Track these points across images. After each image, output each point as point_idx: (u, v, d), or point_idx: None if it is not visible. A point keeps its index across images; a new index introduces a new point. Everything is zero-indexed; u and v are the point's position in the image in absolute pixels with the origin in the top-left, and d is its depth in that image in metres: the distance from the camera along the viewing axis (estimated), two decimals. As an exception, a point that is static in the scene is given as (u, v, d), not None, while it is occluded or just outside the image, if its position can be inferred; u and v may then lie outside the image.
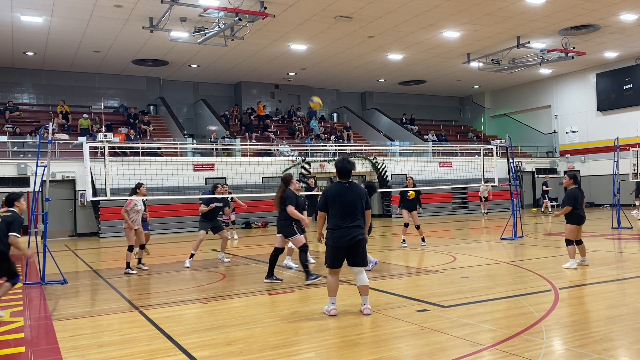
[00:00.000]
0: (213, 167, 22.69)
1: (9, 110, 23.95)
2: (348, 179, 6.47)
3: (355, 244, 6.27)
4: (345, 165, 6.41)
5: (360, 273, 6.40)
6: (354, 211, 6.32)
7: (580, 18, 20.64)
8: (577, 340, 5.07)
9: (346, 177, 6.46)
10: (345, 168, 6.41)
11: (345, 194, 6.35)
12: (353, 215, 6.30)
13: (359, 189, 6.47)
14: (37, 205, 10.64)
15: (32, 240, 9.52)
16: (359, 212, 6.36)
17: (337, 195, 6.36)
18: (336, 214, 6.30)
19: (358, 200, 6.37)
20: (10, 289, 6.95)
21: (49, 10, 17.95)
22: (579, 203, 9.15)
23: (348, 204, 6.31)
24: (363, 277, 6.40)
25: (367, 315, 6.27)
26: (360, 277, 6.39)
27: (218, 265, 11.34)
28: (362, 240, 6.33)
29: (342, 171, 6.44)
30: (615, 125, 27.14)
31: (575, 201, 9.12)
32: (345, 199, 6.32)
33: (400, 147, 28.06)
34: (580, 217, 9.13)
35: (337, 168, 6.46)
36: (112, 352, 5.21)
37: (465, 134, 34.74)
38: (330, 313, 6.32)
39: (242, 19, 16.79)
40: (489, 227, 18.82)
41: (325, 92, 33.43)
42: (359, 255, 6.34)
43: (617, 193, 16.31)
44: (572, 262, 9.00)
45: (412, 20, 20.29)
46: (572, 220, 9.12)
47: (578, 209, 9.13)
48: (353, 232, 6.25)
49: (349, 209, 6.31)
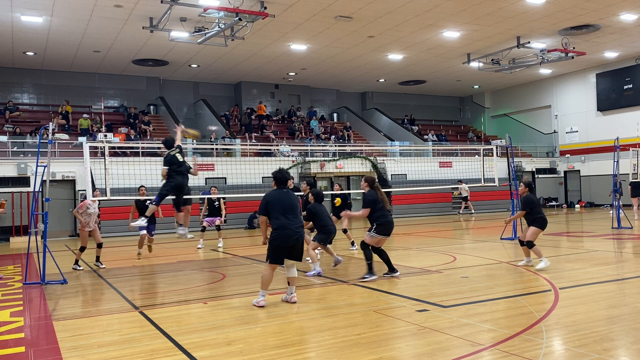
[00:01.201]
0: (213, 167, 22.69)
1: (9, 110, 23.95)
2: (285, 186, 7.28)
3: (298, 243, 7.01)
4: (284, 175, 7.28)
5: (293, 267, 7.20)
6: (296, 212, 7.09)
7: (580, 18, 20.64)
8: (577, 340, 5.07)
9: (283, 185, 7.26)
10: (284, 177, 7.27)
11: (286, 199, 7.09)
12: (295, 216, 7.05)
13: (294, 195, 7.32)
14: (37, 205, 10.64)
15: (32, 240, 9.52)
16: (299, 213, 7.15)
17: (279, 199, 7.05)
18: (279, 215, 6.96)
19: (297, 204, 7.18)
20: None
21: (49, 10, 17.96)
22: (537, 208, 9.33)
23: (290, 206, 7.03)
24: (293, 270, 7.20)
25: (294, 303, 6.97)
26: (292, 270, 7.18)
27: (218, 265, 11.33)
28: (302, 238, 7.08)
29: (280, 180, 7.24)
30: (615, 125, 27.14)
31: (532, 206, 9.28)
32: (287, 202, 7.06)
33: (400, 147, 28.06)
34: (544, 221, 9.25)
35: (277, 178, 7.24)
36: (112, 352, 5.21)
37: (465, 134, 34.74)
38: (259, 304, 6.91)
39: (242, 19, 16.79)
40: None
41: (325, 92, 33.47)
42: (300, 251, 7.10)
43: (618, 193, 16.30)
44: (545, 261, 8.94)
45: (412, 20, 20.29)
46: (536, 224, 9.20)
47: (540, 214, 9.25)
48: (298, 232, 6.98)
49: (291, 211, 7.02)
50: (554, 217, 23.22)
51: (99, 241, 11.33)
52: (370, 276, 8.53)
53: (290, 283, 7.19)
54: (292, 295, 7.12)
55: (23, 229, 19.33)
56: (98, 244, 11.36)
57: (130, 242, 18.02)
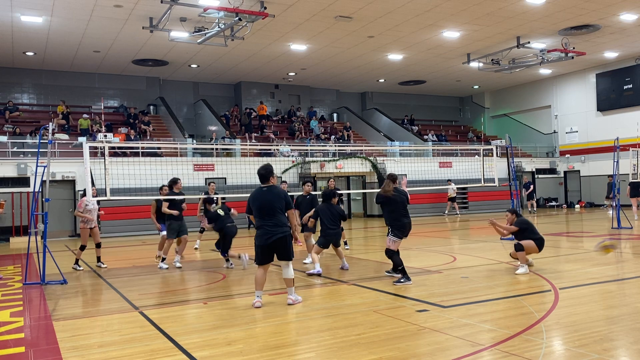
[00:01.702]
0: (213, 167, 22.68)
1: (9, 110, 23.94)
2: (267, 183, 7.06)
3: (277, 242, 6.84)
4: (266, 170, 7.07)
5: (286, 267, 6.97)
6: (273, 212, 6.87)
7: (580, 18, 20.64)
8: (577, 340, 5.07)
9: (265, 182, 7.06)
10: (264, 173, 7.05)
11: (262, 198, 6.94)
12: (271, 216, 6.86)
13: (278, 191, 7.01)
14: (37, 205, 10.64)
15: (32, 240, 9.52)
16: (277, 212, 6.90)
17: (256, 199, 7.00)
18: (257, 215, 6.95)
19: (277, 201, 6.91)
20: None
21: (49, 10, 17.96)
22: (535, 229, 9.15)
23: (266, 205, 6.89)
24: (287, 271, 6.96)
25: (290, 304, 6.84)
26: (285, 270, 6.98)
27: (218, 265, 11.33)
28: (283, 237, 6.86)
29: (261, 176, 7.07)
30: (615, 125, 27.15)
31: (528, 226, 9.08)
32: (262, 201, 6.92)
33: (400, 147, 28.05)
34: (543, 241, 8.95)
35: (259, 174, 7.10)
36: (112, 352, 5.21)
37: (465, 134, 34.74)
38: (255, 305, 6.83)
39: (242, 19, 16.79)
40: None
41: (325, 92, 33.46)
42: (283, 251, 6.90)
43: (617, 193, 16.31)
44: (526, 268, 8.73)
45: (412, 20, 20.29)
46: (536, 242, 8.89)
47: (539, 234, 9.03)
48: (273, 232, 6.83)
49: (267, 210, 6.87)
50: (554, 217, 23.23)
51: (98, 241, 11.35)
52: (406, 280, 8.17)
53: (286, 284, 7.02)
54: (289, 297, 6.96)
55: (23, 229, 19.33)
56: (97, 243, 11.38)
57: (130, 242, 18.03)
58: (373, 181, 26.47)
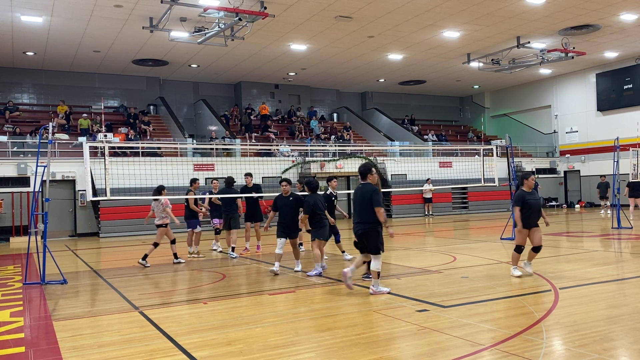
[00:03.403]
0: (213, 167, 22.68)
1: (9, 110, 23.94)
2: (364, 180, 7.66)
3: (362, 236, 7.49)
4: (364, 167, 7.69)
5: (373, 259, 7.46)
6: (361, 207, 7.51)
7: (580, 18, 20.64)
8: (577, 340, 5.07)
9: (363, 179, 7.69)
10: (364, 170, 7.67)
11: (357, 192, 7.65)
12: (360, 211, 7.55)
13: (368, 188, 7.51)
14: (37, 205, 10.64)
15: (32, 240, 9.52)
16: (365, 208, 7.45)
17: (354, 194, 7.75)
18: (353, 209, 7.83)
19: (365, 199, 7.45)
20: None
21: (49, 10, 17.95)
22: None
23: (357, 201, 7.61)
24: (373, 263, 7.44)
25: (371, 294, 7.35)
26: (372, 262, 7.47)
27: (218, 265, 11.33)
28: (367, 232, 7.42)
29: (360, 173, 7.73)
30: (615, 125, 27.15)
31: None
32: (356, 196, 7.64)
33: (400, 147, 28.06)
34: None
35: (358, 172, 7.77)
36: (112, 352, 5.21)
37: (465, 134, 34.73)
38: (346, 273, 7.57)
39: (242, 19, 16.78)
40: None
41: (325, 92, 33.46)
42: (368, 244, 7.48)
43: (617, 193, 16.31)
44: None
45: (412, 20, 20.29)
46: None
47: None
48: (360, 226, 7.49)
49: (358, 205, 7.58)
50: (554, 217, 23.22)
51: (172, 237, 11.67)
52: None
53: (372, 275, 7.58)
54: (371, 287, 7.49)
55: (23, 229, 19.33)
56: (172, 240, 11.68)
57: (130, 242, 18.02)
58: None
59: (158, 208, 11.50)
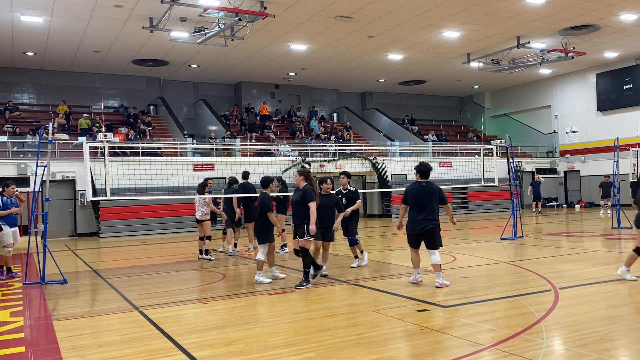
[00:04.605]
0: (213, 167, 22.68)
1: (9, 110, 23.94)
2: (426, 179, 7.92)
3: (427, 232, 7.80)
4: (425, 167, 7.94)
5: (433, 254, 7.84)
6: (426, 206, 7.78)
7: (580, 18, 20.64)
8: (577, 340, 5.07)
9: (424, 177, 7.92)
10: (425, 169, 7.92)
11: (420, 190, 7.84)
12: (424, 208, 7.78)
13: (434, 188, 7.85)
14: (37, 205, 10.64)
15: (32, 240, 9.52)
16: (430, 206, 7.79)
17: (413, 190, 7.90)
18: (412, 206, 7.90)
19: (432, 197, 7.80)
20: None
21: (49, 10, 17.95)
22: None
23: (422, 199, 7.80)
24: (434, 257, 7.83)
25: (437, 287, 7.66)
26: (432, 257, 7.84)
27: (218, 265, 11.33)
28: (432, 229, 7.81)
29: (421, 172, 7.92)
30: (615, 125, 27.14)
31: None
32: (420, 194, 7.82)
33: (400, 147, 28.06)
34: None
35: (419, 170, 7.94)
36: (112, 352, 5.21)
37: (465, 134, 34.73)
38: (412, 280, 8.08)
39: (242, 19, 16.79)
40: (482, 228, 18.81)
41: (325, 92, 33.46)
42: (431, 240, 7.86)
43: (617, 193, 16.30)
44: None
45: (412, 20, 20.29)
46: None
47: None
48: (425, 223, 7.77)
49: (422, 203, 7.80)
50: (554, 217, 23.23)
51: (209, 233, 12.03)
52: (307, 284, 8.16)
53: (434, 269, 7.88)
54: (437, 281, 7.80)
55: (23, 229, 19.30)
56: (208, 236, 12.01)
57: (130, 242, 18.02)
58: (373, 181, 26.47)
59: (199, 202, 11.98)
